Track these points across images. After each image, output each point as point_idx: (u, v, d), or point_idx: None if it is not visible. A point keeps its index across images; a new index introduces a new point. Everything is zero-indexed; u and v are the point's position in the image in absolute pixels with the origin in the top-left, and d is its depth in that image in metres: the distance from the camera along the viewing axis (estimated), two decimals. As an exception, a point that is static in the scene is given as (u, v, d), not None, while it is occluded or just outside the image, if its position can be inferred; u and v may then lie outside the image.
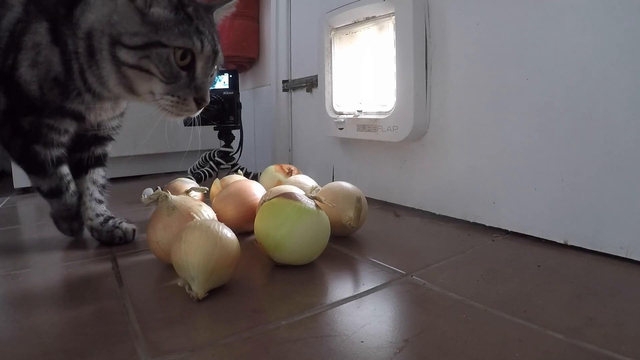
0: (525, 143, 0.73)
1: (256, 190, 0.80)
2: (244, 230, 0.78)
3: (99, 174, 0.82)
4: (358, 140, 1.06)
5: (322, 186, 0.80)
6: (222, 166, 1.36)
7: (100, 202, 0.80)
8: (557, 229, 0.70)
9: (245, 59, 1.62)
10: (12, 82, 0.66)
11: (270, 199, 0.65)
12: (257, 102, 1.65)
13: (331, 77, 1.11)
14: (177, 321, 0.49)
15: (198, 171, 1.35)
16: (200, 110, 0.66)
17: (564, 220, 0.69)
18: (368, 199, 0.79)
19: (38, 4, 0.66)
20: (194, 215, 0.65)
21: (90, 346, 0.44)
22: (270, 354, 0.43)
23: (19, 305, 0.55)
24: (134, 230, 0.80)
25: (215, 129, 1.36)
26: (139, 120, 0.81)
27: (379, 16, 0.96)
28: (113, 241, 0.77)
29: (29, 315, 0.52)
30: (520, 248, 0.70)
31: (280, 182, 0.90)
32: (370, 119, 0.96)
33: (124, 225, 0.79)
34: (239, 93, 1.35)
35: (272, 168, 0.98)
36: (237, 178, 0.90)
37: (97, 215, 0.79)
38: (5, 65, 0.66)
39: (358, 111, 1.02)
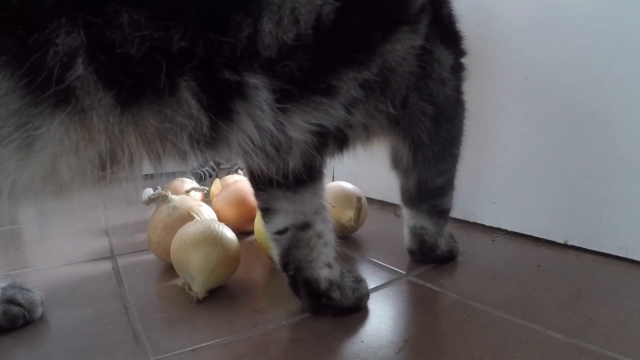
0: (525, 143, 0.73)
1: (256, 190, 0.80)
2: (244, 230, 0.78)
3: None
4: (358, 140, 1.06)
5: (322, 186, 0.79)
6: (222, 166, 1.36)
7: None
8: (557, 229, 0.70)
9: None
10: None
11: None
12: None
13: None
14: (177, 321, 0.49)
15: (198, 171, 1.35)
16: None
17: (564, 220, 0.69)
18: (368, 199, 0.79)
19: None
20: (194, 215, 0.65)
21: (90, 346, 0.44)
22: (270, 354, 0.43)
23: (19, 305, 0.55)
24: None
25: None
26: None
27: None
28: (360, 304, 0.50)
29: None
30: (520, 248, 0.70)
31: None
32: (370, 119, 0.96)
33: (356, 273, 0.54)
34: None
35: (272, 168, 0.98)
36: (237, 178, 0.90)
37: (336, 261, 0.51)
38: None
39: (358, 111, 1.02)
